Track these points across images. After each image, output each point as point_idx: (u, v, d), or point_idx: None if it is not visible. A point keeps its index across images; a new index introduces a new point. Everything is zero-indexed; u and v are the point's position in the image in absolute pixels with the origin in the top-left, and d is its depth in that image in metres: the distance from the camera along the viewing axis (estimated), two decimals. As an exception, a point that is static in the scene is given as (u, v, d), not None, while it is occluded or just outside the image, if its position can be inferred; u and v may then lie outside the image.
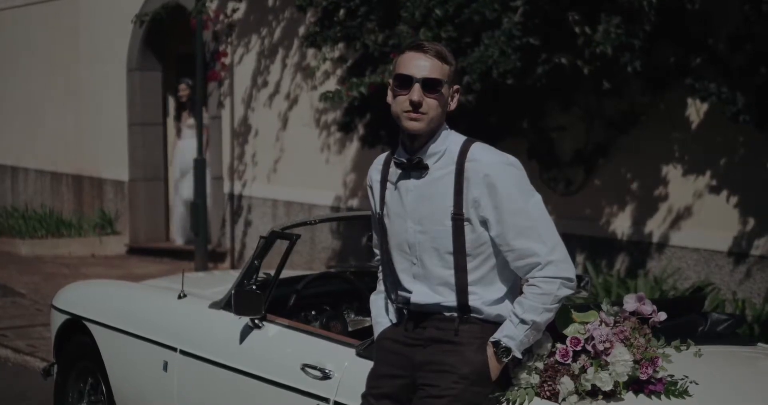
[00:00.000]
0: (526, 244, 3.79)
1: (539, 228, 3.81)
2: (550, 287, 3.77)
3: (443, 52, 3.89)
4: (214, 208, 13.12)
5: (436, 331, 3.91)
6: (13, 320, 10.38)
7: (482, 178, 3.80)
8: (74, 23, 15.58)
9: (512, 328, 3.80)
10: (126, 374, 5.91)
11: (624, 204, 8.87)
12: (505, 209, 3.79)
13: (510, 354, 3.80)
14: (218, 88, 13.04)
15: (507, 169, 3.83)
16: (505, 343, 3.80)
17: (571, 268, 3.82)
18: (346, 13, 9.25)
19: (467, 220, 3.84)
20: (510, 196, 3.80)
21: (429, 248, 3.90)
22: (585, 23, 7.70)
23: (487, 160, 3.83)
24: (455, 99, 3.93)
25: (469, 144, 3.89)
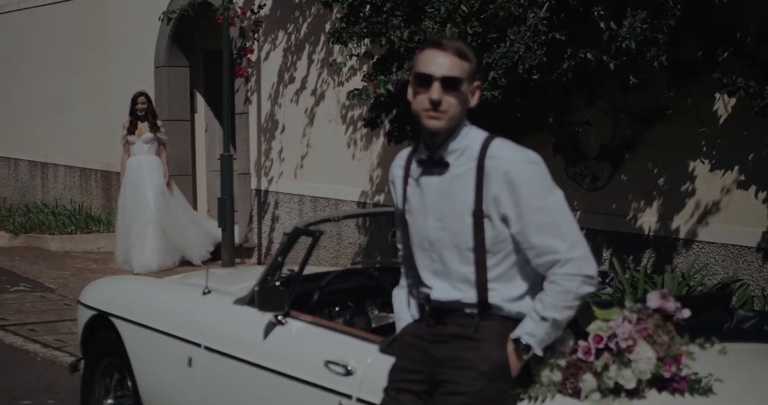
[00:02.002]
0: (546, 241, 3.78)
1: (560, 225, 3.79)
2: (571, 284, 3.75)
3: (462, 48, 3.86)
4: (241, 204, 13.14)
5: (457, 328, 3.90)
6: (42, 315, 10.46)
7: (502, 175, 3.79)
8: (103, 21, 15.65)
9: (532, 325, 3.79)
10: (151, 370, 5.93)
11: (650, 199, 8.83)
12: (526, 206, 3.78)
13: (530, 351, 3.79)
14: (245, 85, 13.06)
15: (527, 165, 3.81)
16: (525, 340, 3.79)
17: (592, 265, 3.80)
18: (372, 9, 9.25)
19: (487, 217, 3.83)
20: (530, 192, 3.78)
21: (449, 245, 3.90)
22: (610, 18, 7.67)
23: (508, 156, 3.82)
24: (476, 95, 3.90)
25: (489, 140, 3.87)
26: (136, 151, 13.22)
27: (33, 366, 8.71)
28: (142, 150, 13.22)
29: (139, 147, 13.22)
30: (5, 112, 18.28)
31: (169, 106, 14.38)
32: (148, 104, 13.24)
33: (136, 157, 13.20)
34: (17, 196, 17.87)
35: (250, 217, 13.13)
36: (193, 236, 13.21)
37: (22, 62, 17.65)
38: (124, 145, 13.33)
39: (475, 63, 3.89)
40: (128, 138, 13.24)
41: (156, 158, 13.25)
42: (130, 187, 13.18)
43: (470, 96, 3.88)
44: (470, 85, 3.87)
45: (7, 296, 11.42)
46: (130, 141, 13.23)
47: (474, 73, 3.88)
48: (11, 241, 15.24)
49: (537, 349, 3.79)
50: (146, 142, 13.19)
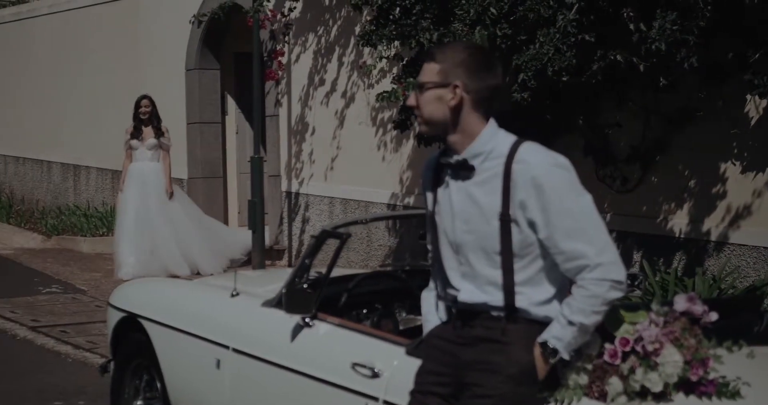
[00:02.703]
0: (574, 246, 3.76)
1: (588, 229, 3.78)
2: (599, 289, 3.73)
3: (434, 50, 3.94)
4: (271, 206, 13.16)
5: (484, 331, 3.90)
6: (73, 317, 10.51)
7: (529, 180, 3.78)
8: (134, 24, 15.72)
9: (559, 329, 3.78)
10: (180, 371, 5.95)
11: (681, 201, 8.79)
12: (553, 211, 3.77)
13: (557, 355, 3.78)
14: (275, 87, 13.09)
15: (554, 170, 3.80)
16: (552, 343, 3.78)
17: (621, 270, 3.78)
18: (402, 11, 9.25)
19: (514, 221, 3.82)
20: (558, 197, 3.77)
21: (476, 248, 3.89)
22: (640, 19, 7.64)
23: (535, 161, 3.81)
24: (456, 95, 3.86)
25: (518, 144, 3.87)
26: (139, 156, 12.85)
27: (64, 367, 8.76)
28: (145, 156, 12.85)
29: (142, 153, 12.85)
30: (38, 115, 18.38)
31: (200, 108, 14.43)
32: (152, 108, 12.90)
33: (139, 164, 12.84)
34: (50, 199, 17.97)
35: (280, 220, 13.16)
36: (200, 246, 12.72)
37: (55, 65, 17.74)
38: (127, 150, 12.97)
39: (450, 62, 3.88)
40: (131, 143, 12.91)
41: (159, 166, 12.82)
42: (131, 193, 12.79)
43: (450, 97, 3.87)
44: (446, 86, 3.87)
45: (39, 298, 11.49)
46: (132, 146, 12.89)
47: (447, 72, 3.87)
48: (43, 243, 15.33)
49: (564, 353, 3.78)
50: (150, 148, 12.84)
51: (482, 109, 3.92)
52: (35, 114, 18.47)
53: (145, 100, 12.89)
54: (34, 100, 18.45)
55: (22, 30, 18.83)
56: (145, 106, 12.82)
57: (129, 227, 12.63)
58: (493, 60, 3.96)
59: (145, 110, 12.82)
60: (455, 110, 3.87)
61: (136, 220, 12.63)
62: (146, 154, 12.82)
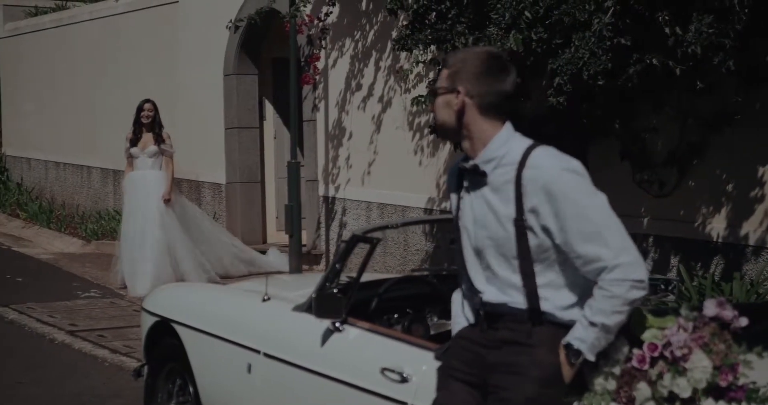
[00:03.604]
0: (591, 250, 3.75)
1: (603, 232, 3.77)
2: (619, 290, 3.72)
3: (446, 56, 4.02)
4: (308, 211, 13.18)
5: (509, 333, 3.90)
6: (111, 321, 10.56)
7: (541, 187, 3.79)
8: (173, 30, 15.78)
9: (582, 330, 3.77)
10: (211, 376, 5.97)
11: (719, 205, 8.73)
12: (566, 216, 3.77)
13: (581, 356, 3.77)
14: (313, 92, 13.10)
15: (565, 174, 3.80)
16: (575, 345, 3.77)
17: (641, 269, 3.76)
18: (437, 15, 9.25)
19: (529, 227, 3.83)
20: (570, 202, 3.77)
21: (495, 253, 3.91)
22: (676, 23, 7.59)
23: (545, 166, 3.81)
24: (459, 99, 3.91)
25: (531, 149, 3.88)
26: (140, 165, 12.26)
27: (101, 371, 8.80)
28: (146, 164, 12.25)
29: (142, 161, 12.26)
30: (78, 120, 18.50)
31: (238, 113, 14.47)
32: (155, 113, 12.34)
33: (140, 172, 12.27)
34: (89, 204, 18.06)
35: (317, 224, 13.16)
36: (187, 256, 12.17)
37: (94, 71, 17.85)
38: (128, 158, 12.39)
39: (456, 67, 3.93)
40: (131, 151, 12.29)
41: (161, 174, 12.25)
42: (132, 205, 12.28)
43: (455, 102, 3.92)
44: (453, 91, 3.92)
45: (78, 302, 11.54)
46: (133, 154, 12.29)
47: (454, 77, 3.92)
48: (83, 247, 15.42)
49: (588, 354, 3.77)
50: (150, 156, 12.25)
51: (492, 114, 3.93)
52: (75, 119, 18.59)
53: (147, 104, 12.39)
54: (74, 105, 18.56)
55: (62, 36, 18.95)
56: (148, 111, 12.32)
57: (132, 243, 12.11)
58: (503, 65, 3.95)
59: (147, 115, 12.31)
60: (460, 115, 3.91)
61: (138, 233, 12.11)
62: (147, 162, 12.26)
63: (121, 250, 12.33)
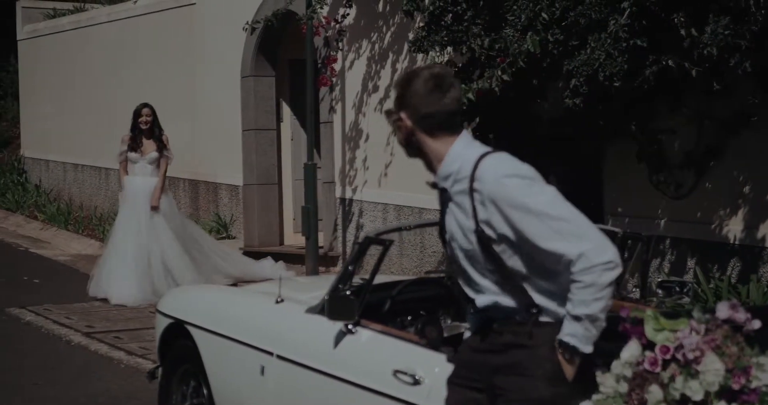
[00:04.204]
0: (552, 246, 3.79)
1: (557, 226, 3.79)
2: (591, 278, 3.73)
3: (397, 78, 4.06)
4: (325, 213, 13.17)
5: (512, 337, 3.93)
6: (127, 323, 10.59)
7: (486, 198, 3.85)
8: (190, 32, 15.81)
9: (570, 325, 3.80)
10: (225, 378, 5.97)
11: (736, 207, 8.69)
12: (517, 221, 3.82)
13: (576, 351, 3.80)
14: (330, 94, 13.10)
15: (505, 182, 3.84)
16: (567, 340, 3.81)
17: (605, 251, 3.75)
18: (453, 17, 9.23)
19: (489, 237, 3.88)
20: (516, 208, 3.81)
21: (470, 264, 3.99)
22: (692, 24, 7.56)
23: (486, 178, 3.86)
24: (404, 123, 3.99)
25: (479, 160, 3.91)
26: (139, 170, 11.92)
27: (117, 373, 8.82)
28: (145, 171, 11.93)
29: (142, 167, 11.94)
30: (96, 122, 18.54)
31: (255, 115, 14.47)
32: (153, 118, 11.95)
33: (140, 179, 11.91)
34: (107, 205, 18.08)
35: (334, 226, 13.16)
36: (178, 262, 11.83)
37: (112, 73, 17.89)
38: (121, 162, 12.02)
39: (399, 92, 4.01)
40: (129, 155, 11.93)
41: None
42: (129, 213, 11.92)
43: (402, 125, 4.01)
44: (399, 115, 4.00)
45: (94, 304, 11.57)
46: (131, 159, 11.92)
47: (398, 101, 4.01)
48: (101, 249, 15.36)
49: (582, 347, 3.80)
50: (151, 163, 11.93)
51: (441, 133, 3.97)
52: (93, 121, 18.63)
53: (146, 109, 12.01)
54: (92, 107, 18.60)
55: (80, 38, 19.00)
56: (146, 116, 11.92)
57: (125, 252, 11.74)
58: (443, 84, 3.96)
59: (146, 120, 11.92)
60: (409, 137, 4.00)
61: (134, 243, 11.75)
62: (147, 169, 11.94)
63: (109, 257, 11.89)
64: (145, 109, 11.97)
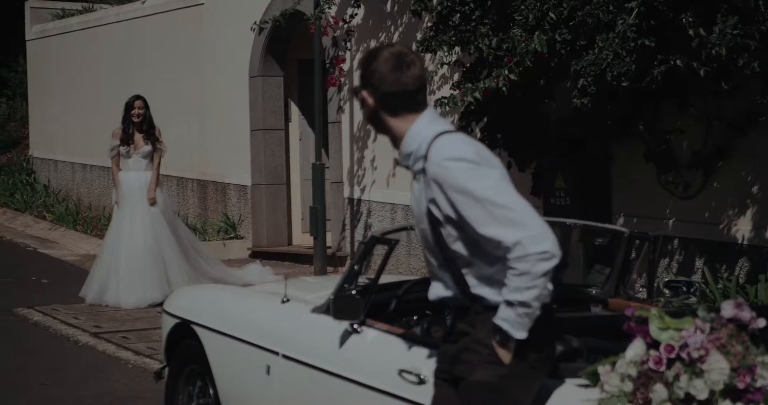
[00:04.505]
0: (490, 232, 3.78)
1: (496, 213, 3.77)
2: (525, 266, 3.72)
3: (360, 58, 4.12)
4: (333, 213, 13.17)
5: (462, 325, 3.99)
6: (135, 323, 10.58)
7: (433, 179, 3.86)
8: (198, 32, 15.82)
9: (503, 310, 3.80)
10: (231, 378, 5.96)
11: (744, 207, 8.68)
12: (459, 204, 3.81)
13: (509, 336, 3.80)
14: (338, 94, 13.10)
15: (449, 164, 3.82)
16: (499, 324, 3.81)
17: (543, 241, 3.73)
18: (461, 17, 9.23)
19: (436, 219, 3.91)
20: (458, 190, 3.80)
21: (426, 247, 4.04)
22: (700, 24, 7.55)
23: (433, 159, 3.86)
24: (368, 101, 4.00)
25: (432, 141, 3.91)
26: (133, 166, 11.49)
27: (125, 373, 8.81)
28: (139, 166, 11.51)
29: (135, 162, 11.51)
30: (104, 122, 18.52)
31: (263, 115, 14.49)
32: (146, 111, 11.57)
33: (133, 174, 11.50)
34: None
35: (342, 226, 13.16)
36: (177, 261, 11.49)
37: (120, 73, 17.90)
38: (113, 157, 11.57)
39: (361, 70, 4.02)
40: (120, 150, 11.51)
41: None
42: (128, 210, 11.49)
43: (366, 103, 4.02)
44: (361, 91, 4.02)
45: (102, 304, 11.54)
46: (122, 154, 11.50)
47: (361, 79, 4.01)
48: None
49: (514, 332, 3.80)
50: (144, 157, 11.50)
51: (402, 111, 3.98)
52: (102, 121, 18.60)
53: (138, 101, 11.61)
54: (100, 107, 18.61)
55: (89, 38, 19.03)
56: (139, 108, 11.52)
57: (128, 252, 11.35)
58: (403, 62, 3.96)
59: (138, 113, 11.51)
60: (372, 115, 4.01)
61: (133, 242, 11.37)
62: (140, 163, 11.51)
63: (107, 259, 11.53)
64: (138, 102, 11.60)
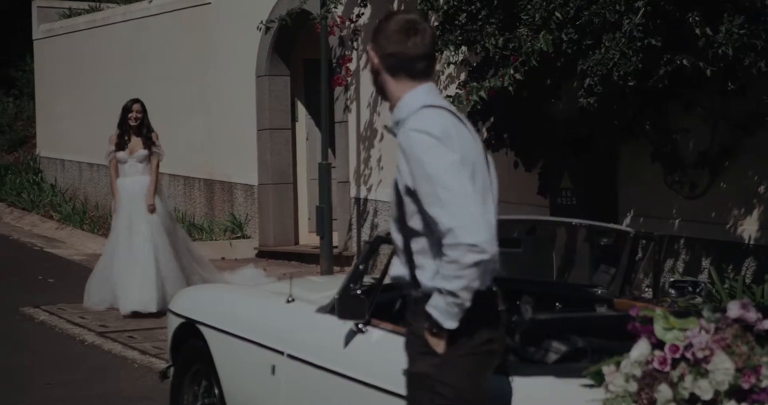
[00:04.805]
0: (432, 212, 3.76)
1: (441, 194, 3.74)
2: (455, 254, 3.69)
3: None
4: (340, 212, 13.17)
5: (408, 314, 4.01)
6: (141, 322, 10.57)
7: (399, 146, 3.86)
8: (205, 32, 15.83)
9: (434, 297, 3.78)
10: (236, 377, 5.96)
11: (751, 207, 8.66)
12: (416, 177, 3.79)
13: (439, 325, 3.78)
14: (344, 93, 13.10)
15: (414, 135, 3.81)
16: (430, 312, 3.79)
17: (476, 233, 3.69)
18: (467, 16, 9.22)
19: (399, 189, 3.89)
20: (417, 162, 3.79)
21: (392, 219, 4.02)
22: (706, 24, 7.54)
23: (405, 127, 3.86)
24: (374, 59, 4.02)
25: (416, 111, 3.91)
26: (129, 171, 11.17)
27: (130, 372, 8.81)
28: (135, 170, 11.18)
29: (131, 167, 11.18)
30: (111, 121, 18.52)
31: (270, 115, 14.49)
32: (143, 114, 11.25)
33: (130, 179, 11.18)
34: (123, 205, 18.13)
35: (349, 226, 13.16)
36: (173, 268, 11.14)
37: (127, 73, 17.91)
38: (110, 161, 11.29)
39: (375, 30, 4.05)
40: (117, 155, 11.19)
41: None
42: (124, 216, 11.18)
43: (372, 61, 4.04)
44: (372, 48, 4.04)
45: (108, 303, 11.55)
46: (119, 159, 11.19)
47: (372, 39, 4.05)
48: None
49: (443, 321, 3.77)
50: (140, 161, 11.17)
51: (402, 76, 3.97)
52: (109, 121, 18.59)
53: (136, 104, 11.30)
54: (106, 107, 18.57)
55: (96, 38, 19.04)
56: (137, 112, 11.21)
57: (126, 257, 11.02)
58: (412, 28, 3.96)
59: (135, 116, 11.19)
60: (376, 75, 4.02)
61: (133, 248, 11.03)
62: (136, 168, 11.20)
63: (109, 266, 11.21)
64: (136, 105, 11.29)
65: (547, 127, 9.50)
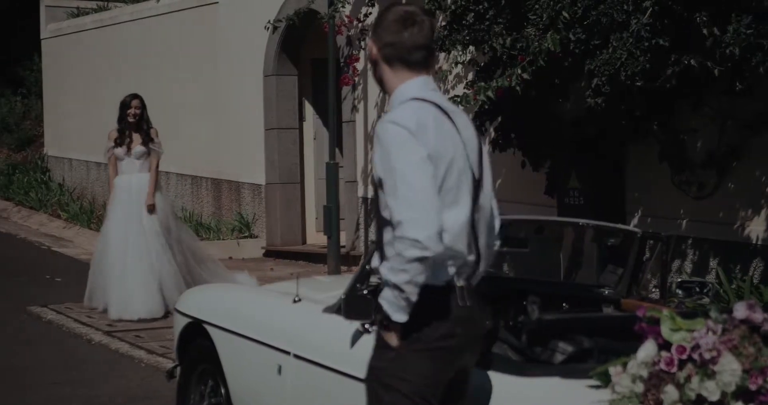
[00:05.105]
0: (390, 203, 3.76)
1: (400, 187, 3.73)
2: (400, 247, 3.69)
3: None
4: (348, 212, 13.17)
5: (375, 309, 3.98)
6: (148, 321, 10.55)
7: (375, 135, 3.88)
8: (213, 31, 15.83)
9: (385, 289, 3.79)
10: (242, 377, 5.95)
11: (758, 207, 8.65)
12: (383, 167, 3.80)
13: (389, 318, 3.77)
14: (352, 93, 13.10)
15: (387, 126, 3.82)
16: (380, 303, 3.80)
17: (419, 228, 3.68)
18: (475, 16, 9.22)
19: (374, 179, 3.91)
20: (385, 152, 3.80)
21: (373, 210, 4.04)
22: (714, 24, 7.53)
23: (385, 117, 3.87)
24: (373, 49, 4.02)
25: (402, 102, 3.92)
26: (127, 168, 10.91)
27: (137, 372, 8.81)
28: (133, 167, 10.90)
29: (129, 163, 10.91)
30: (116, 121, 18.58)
31: (277, 114, 14.50)
32: (142, 110, 11.02)
33: (126, 177, 10.90)
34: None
35: (356, 225, 13.16)
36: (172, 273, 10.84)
37: (135, 72, 17.92)
38: (109, 158, 11.02)
39: (375, 21, 4.08)
40: (115, 152, 10.93)
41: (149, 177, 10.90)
42: (117, 215, 10.89)
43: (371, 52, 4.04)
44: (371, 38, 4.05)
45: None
46: (117, 155, 10.93)
47: (372, 29, 4.07)
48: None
49: (392, 313, 3.77)
50: (138, 157, 10.89)
51: (399, 67, 3.97)
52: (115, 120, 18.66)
53: (135, 100, 11.05)
54: (114, 106, 18.59)
55: (103, 37, 19.06)
56: (135, 108, 10.96)
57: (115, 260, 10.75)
58: (410, 19, 3.96)
59: (134, 112, 10.96)
60: (374, 65, 4.02)
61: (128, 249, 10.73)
62: (134, 165, 10.91)
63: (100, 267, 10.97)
64: (135, 101, 11.03)
65: (554, 127, 9.49)
